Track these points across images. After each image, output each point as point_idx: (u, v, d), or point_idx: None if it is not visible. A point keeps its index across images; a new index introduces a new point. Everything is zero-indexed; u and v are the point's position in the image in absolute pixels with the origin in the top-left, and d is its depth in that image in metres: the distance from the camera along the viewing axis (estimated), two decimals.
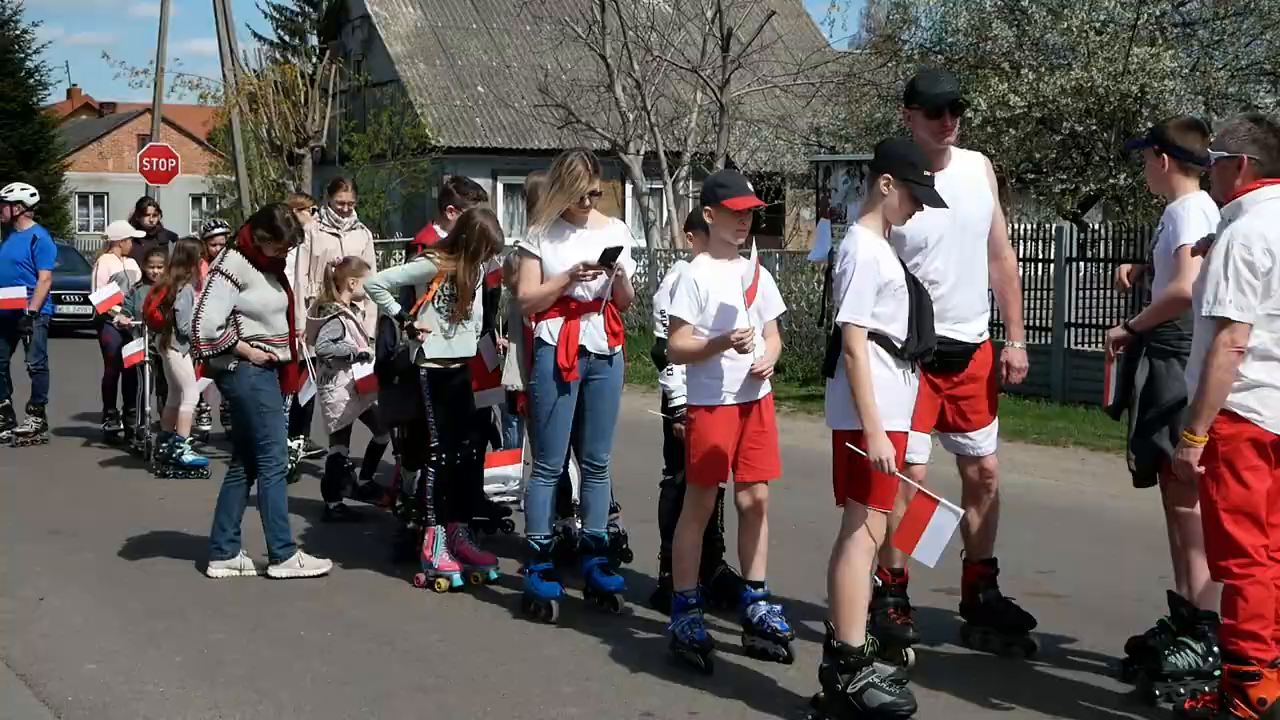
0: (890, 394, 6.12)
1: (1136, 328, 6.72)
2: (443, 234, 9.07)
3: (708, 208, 6.94)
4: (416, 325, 8.45)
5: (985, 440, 7.20)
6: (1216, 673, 6.45)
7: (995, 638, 7.32)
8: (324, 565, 8.86)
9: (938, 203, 6.28)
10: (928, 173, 6.26)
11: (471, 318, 8.64)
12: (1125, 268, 7.28)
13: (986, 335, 7.16)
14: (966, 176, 7.03)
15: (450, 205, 9.32)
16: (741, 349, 6.70)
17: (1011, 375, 7.34)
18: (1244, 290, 5.66)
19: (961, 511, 6.20)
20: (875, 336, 6.10)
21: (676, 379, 7.70)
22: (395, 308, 8.55)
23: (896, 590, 7.17)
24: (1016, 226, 18.67)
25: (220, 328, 8.64)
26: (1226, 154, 5.92)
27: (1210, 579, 6.29)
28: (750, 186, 7.07)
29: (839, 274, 6.10)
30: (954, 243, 6.90)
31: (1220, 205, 6.11)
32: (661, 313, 7.76)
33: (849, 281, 6.05)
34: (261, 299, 8.80)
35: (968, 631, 7.45)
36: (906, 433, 6.27)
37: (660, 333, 7.81)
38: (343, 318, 10.49)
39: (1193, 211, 6.53)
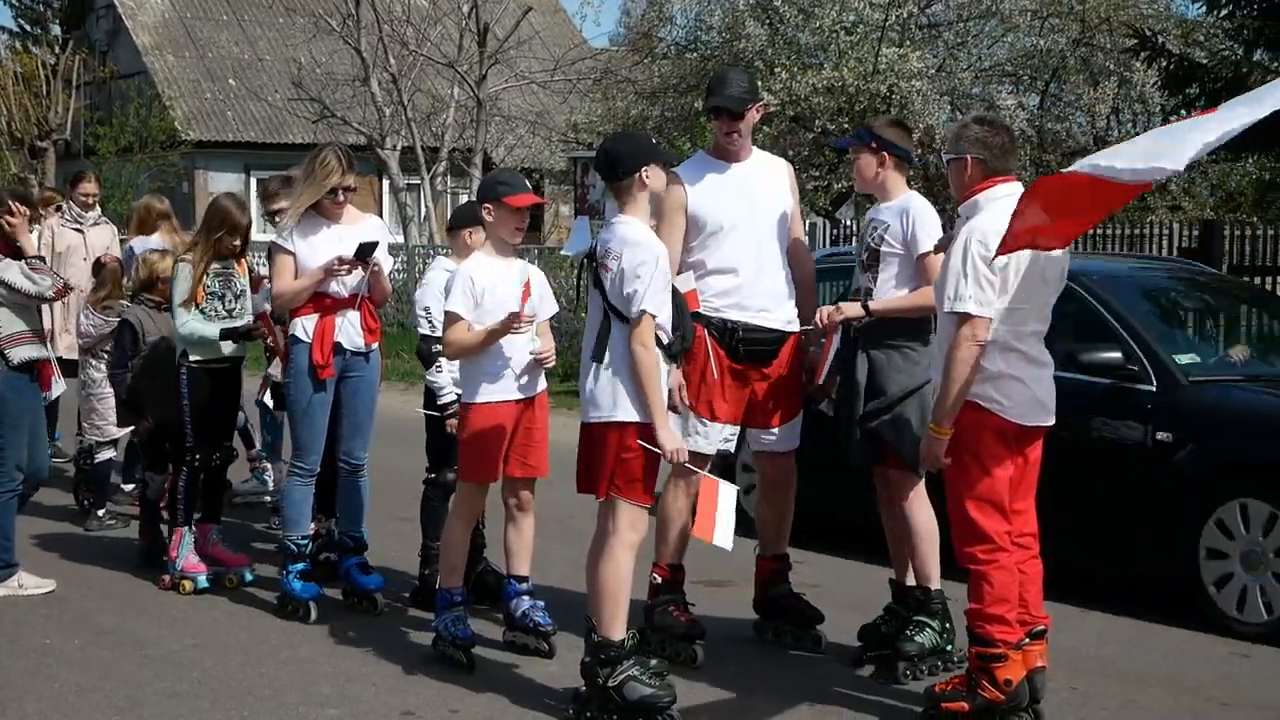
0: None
1: (874, 309, 6.80)
2: None
3: (487, 204, 6.89)
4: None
5: (788, 435, 7.20)
6: (949, 647, 6.72)
7: (786, 632, 7.42)
8: (46, 585, 8.37)
9: (675, 159, 6.67)
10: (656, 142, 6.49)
11: (243, 316, 8.46)
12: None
13: (796, 325, 7.14)
14: (764, 175, 7.17)
15: None
16: (515, 330, 6.70)
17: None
18: (982, 285, 5.84)
19: (737, 487, 6.27)
20: None
21: (445, 376, 7.67)
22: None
23: (674, 587, 7.22)
24: None
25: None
26: (957, 155, 6.12)
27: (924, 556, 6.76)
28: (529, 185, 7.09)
29: (635, 265, 6.03)
30: (749, 231, 6.99)
31: (957, 204, 6.30)
32: (426, 310, 7.71)
33: (651, 274, 6.03)
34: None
35: (760, 626, 7.53)
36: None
37: (425, 329, 7.77)
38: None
39: (926, 214, 6.79)
